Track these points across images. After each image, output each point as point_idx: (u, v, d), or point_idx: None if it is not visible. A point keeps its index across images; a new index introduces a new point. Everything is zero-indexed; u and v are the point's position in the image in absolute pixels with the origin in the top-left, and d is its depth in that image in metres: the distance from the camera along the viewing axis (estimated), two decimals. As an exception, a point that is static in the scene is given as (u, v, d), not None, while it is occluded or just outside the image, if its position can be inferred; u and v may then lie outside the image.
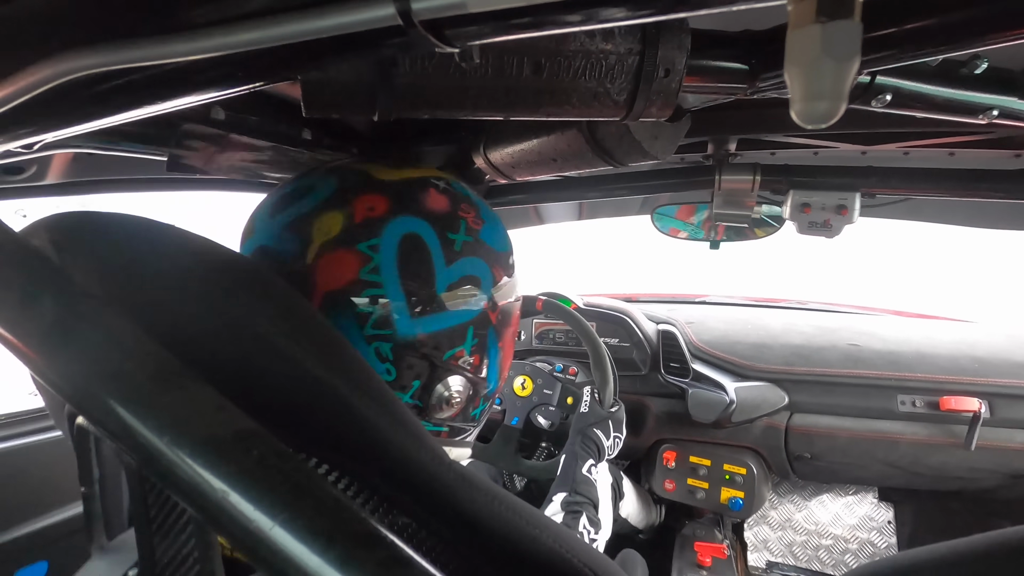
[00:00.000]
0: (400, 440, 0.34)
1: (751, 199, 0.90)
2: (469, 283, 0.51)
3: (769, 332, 1.42)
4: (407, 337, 0.48)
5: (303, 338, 0.34)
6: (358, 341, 0.47)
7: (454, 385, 0.52)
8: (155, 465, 0.24)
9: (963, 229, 1.14)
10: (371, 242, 0.47)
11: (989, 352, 1.26)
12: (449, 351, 0.51)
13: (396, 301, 0.48)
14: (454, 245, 0.51)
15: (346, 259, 0.47)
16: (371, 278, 0.47)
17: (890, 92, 0.52)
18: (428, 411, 0.52)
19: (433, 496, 0.33)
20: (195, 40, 0.28)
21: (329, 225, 0.48)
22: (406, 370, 0.49)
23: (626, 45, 0.45)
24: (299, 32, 0.27)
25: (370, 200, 0.49)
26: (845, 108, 0.20)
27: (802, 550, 1.57)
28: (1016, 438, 1.16)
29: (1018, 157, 0.80)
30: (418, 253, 0.49)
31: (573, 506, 0.81)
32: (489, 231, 0.55)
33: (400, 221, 0.49)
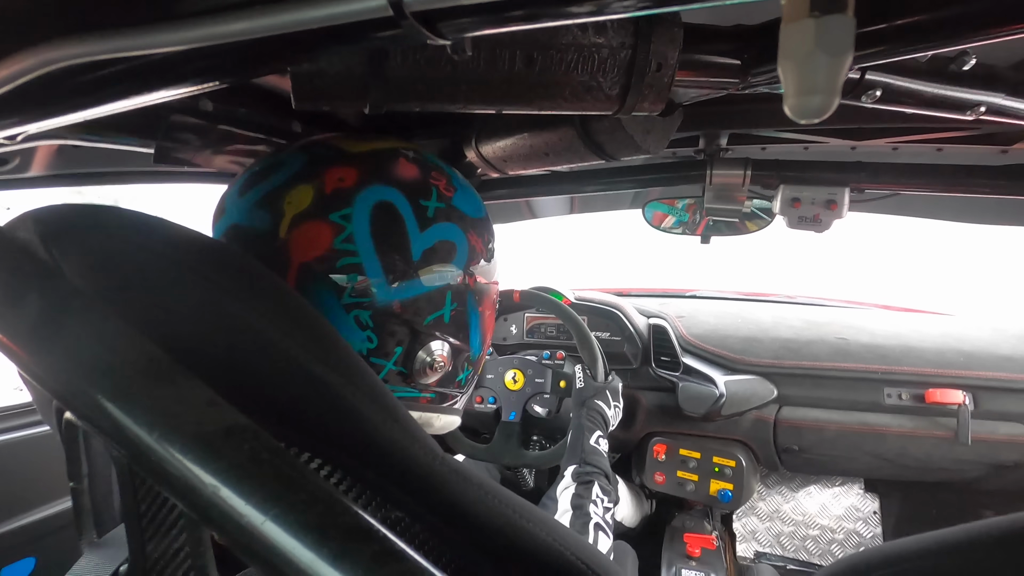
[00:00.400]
0: (392, 434, 0.34)
1: (742, 193, 0.91)
2: (444, 248, 0.52)
3: (759, 326, 1.43)
4: (386, 304, 0.49)
5: (296, 332, 0.34)
6: (337, 311, 0.48)
7: (436, 350, 0.53)
8: (145, 461, 0.24)
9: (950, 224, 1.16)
10: (343, 212, 0.47)
11: (975, 345, 1.28)
12: (429, 316, 0.52)
13: (372, 268, 0.48)
14: (427, 212, 0.51)
15: (319, 230, 0.47)
16: (345, 247, 0.47)
17: (880, 88, 0.53)
18: (413, 377, 0.52)
19: (426, 490, 0.33)
20: (183, 30, 0.28)
21: (299, 198, 0.48)
22: (387, 337, 0.50)
23: (619, 39, 0.45)
24: (289, 23, 0.27)
25: (340, 172, 0.49)
26: (838, 103, 0.20)
27: (790, 540, 1.59)
28: (1000, 430, 1.17)
29: (1004, 153, 0.81)
30: (391, 220, 0.49)
31: (584, 476, 0.82)
32: (461, 197, 0.55)
33: (371, 190, 0.49)
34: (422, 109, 0.50)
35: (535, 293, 1.11)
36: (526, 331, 1.54)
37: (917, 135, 0.81)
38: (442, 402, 0.57)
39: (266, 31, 0.27)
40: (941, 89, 0.54)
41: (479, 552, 0.35)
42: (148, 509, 0.32)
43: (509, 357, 1.31)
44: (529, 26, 0.30)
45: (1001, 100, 0.55)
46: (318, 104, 0.48)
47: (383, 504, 0.32)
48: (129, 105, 0.36)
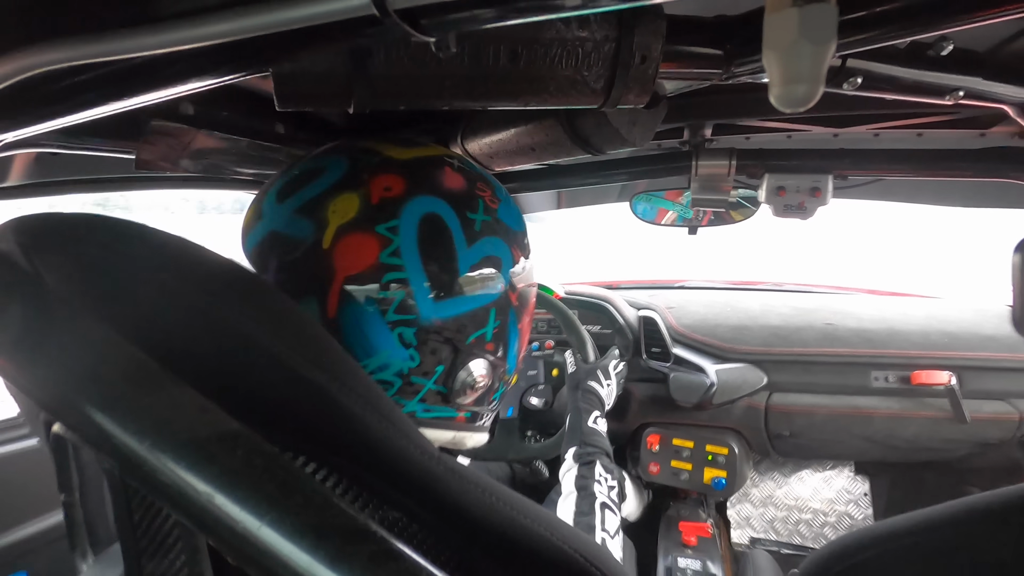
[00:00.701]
0: (388, 435, 0.33)
1: (727, 183, 0.91)
2: (490, 264, 0.50)
3: (748, 314, 1.45)
4: (430, 321, 0.47)
5: (287, 335, 0.34)
6: (380, 327, 0.46)
7: (476, 369, 0.51)
8: (136, 470, 0.24)
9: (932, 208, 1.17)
10: (390, 224, 0.46)
11: (958, 326, 1.31)
12: (472, 335, 0.50)
13: (418, 284, 0.46)
14: (474, 225, 0.49)
15: (365, 242, 0.45)
16: (392, 261, 0.45)
17: (861, 75, 0.53)
18: (451, 396, 0.51)
19: (423, 489, 0.33)
20: (162, 33, 0.27)
21: (345, 207, 0.46)
22: (429, 355, 0.48)
23: (602, 32, 0.45)
24: (270, 23, 0.26)
25: (386, 180, 0.47)
26: (822, 91, 0.21)
27: (783, 525, 1.61)
28: (984, 408, 1.20)
29: (982, 136, 0.83)
30: (439, 234, 0.47)
31: (585, 457, 0.82)
32: (505, 210, 0.54)
33: (419, 201, 0.47)
34: (408, 107, 0.50)
35: None
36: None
37: (898, 121, 0.82)
38: (474, 421, 0.56)
39: (247, 32, 0.27)
40: (920, 74, 0.55)
41: (478, 550, 0.35)
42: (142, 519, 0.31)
43: None
44: (513, 21, 0.30)
45: (978, 84, 0.56)
46: (302, 105, 0.47)
47: (380, 505, 0.32)
48: (109, 110, 0.35)
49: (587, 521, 0.71)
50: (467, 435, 0.55)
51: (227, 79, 0.35)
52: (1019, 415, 1.18)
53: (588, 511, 0.72)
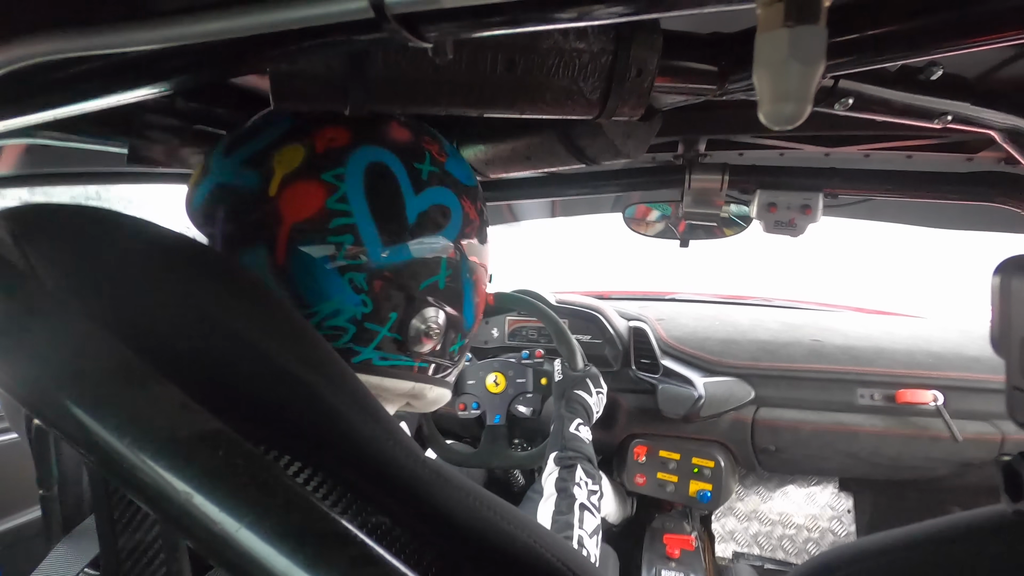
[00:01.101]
0: (374, 436, 0.33)
1: (720, 198, 0.92)
2: (439, 212, 0.51)
3: (737, 328, 1.45)
4: (381, 266, 0.48)
5: (274, 332, 0.34)
6: (331, 273, 0.46)
7: (430, 317, 0.51)
8: (115, 468, 0.23)
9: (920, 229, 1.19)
10: (336, 171, 0.46)
11: (943, 347, 1.32)
12: (424, 281, 0.50)
13: (367, 229, 0.47)
14: (420, 174, 0.50)
15: (311, 189, 0.46)
16: (339, 207, 0.46)
17: (852, 96, 0.54)
18: (408, 344, 0.51)
19: (407, 493, 0.33)
20: (159, 28, 0.27)
21: (290, 157, 0.47)
22: (383, 301, 0.49)
23: (599, 44, 0.46)
24: (269, 23, 0.26)
25: (331, 132, 0.48)
26: (810, 110, 0.21)
27: (767, 540, 1.61)
28: (968, 428, 1.21)
29: (970, 161, 0.84)
30: (385, 181, 0.48)
31: (566, 460, 0.83)
32: (454, 164, 0.54)
33: (364, 151, 0.48)
34: (403, 111, 0.50)
35: (507, 295, 1.13)
36: (508, 334, 1.54)
37: (888, 143, 0.83)
38: (435, 373, 0.56)
39: (245, 31, 0.27)
40: (910, 98, 0.56)
41: (461, 555, 0.35)
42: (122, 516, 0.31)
43: (489, 361, 1.31)
44: (511, 30, 0.30)
45: (966, 109, 0.57)
46: (298, 105, 0.47)
47: (362, 508, 0.32)
48: (103, 104, 0.35)
49: (565, 520, 0.71)
50: (426, 387, 0.56)
51: (223, 76, 0.35)
52: (1001, 436, 1.20)
53: (567, 511, 0.73)
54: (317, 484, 0.31)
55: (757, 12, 0.21)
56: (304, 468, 0.31)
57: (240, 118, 0.69)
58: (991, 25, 0.42)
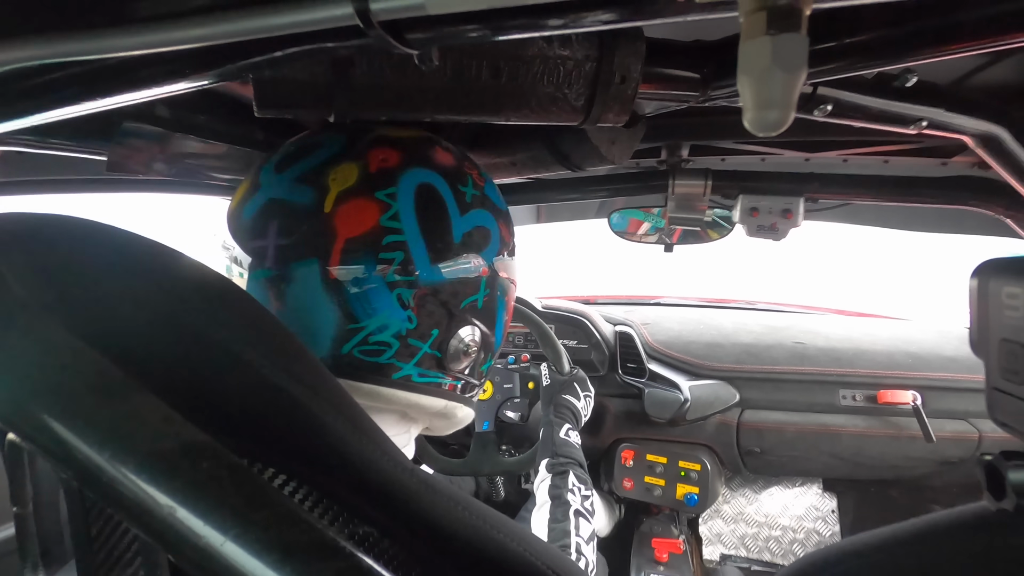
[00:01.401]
0: (361, 447, 0.33)
1: (703, 203, 0.93)
2: (481, 234, 0.53)
3: (721, 332, 1.47)
4: (428, 283, 0.49)
5: (258, 343, 0.33)
6: (381, 288, 0.48)
7: (467, 335, 0.53)
8: (95, 482, 0.23)
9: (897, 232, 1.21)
10: (389, 190, 0.48)
11: (921, 347, 1.35)
12: (465, 300, 0.52)
13: (417, 247, 0.48)
14: (465, 197, 0.52)
15: (365, 206, 0.47)
16: (392, 224, 0.47)
17: (831, 102, 0.55)
18: (445, 361, 0.52)
19: (395, 503, 0.33)
20: (139, 34, 0.27)
21: (345, 175, 0.48)
22: (426, 318, 0.50)
23: (583, 52, 0.46)
24: (251, 29, 0.26)
25: (383, 153, 0.50)
26: (794, 117, 0.21)
27: (753, 542, 1.62)
28: (946, 427, 1.23)
29: (944, 165, 0.86)
30: (434, 202, 0.50)
31: (557, 467, 0.83)
32: (491, 189, 0.57)
33: (414, 172, 0.50)
34: (388, 117, 0.50)
35: None
36: (495, 340, 1.53)
37: (865, 148, 0.84)
38: (466, 392, 0.57)
39: (227, 37, 0.26)
40: (886, 104, 0.57)
41: (451, 565, 0.34)
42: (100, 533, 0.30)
43: None
44: (496, 37, 0.30)
45: (940, 115, 0.58)
46: (281, 111, 0.47)
47: (350, 519, 0.31)
48: (81, 111, 0.35)
49: (562, 527, 0.71)
50: (457, 406, 0.57)
51: (205, 83, 0.34)
52: (979, 434, 1.22)
53: (562, 518, 0.73)
54: (303, 496, 0.30)
55: (740, 20, 0.21)
56: (290, 480, 0.30)
57: (222, 125, 0.69)
58: (962, 34, 0.43)
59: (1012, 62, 0.59)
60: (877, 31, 0.44)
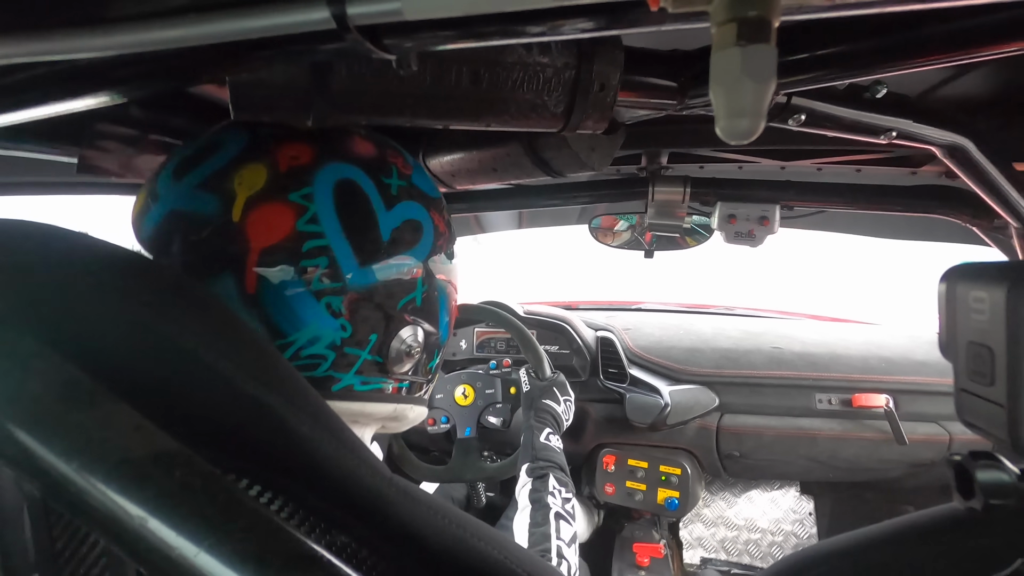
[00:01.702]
0: (338, 456, 0.33)
1: (682, 210, 0.95)
2: (411, 227, 0.50)
3: (700, 337, 1.48)
4: (359, 287, 0.46)
5: (231, 351, 0.33)
6: (306, 299, 0.44)
7: (409, 335, 0.50)
8: (62, 493, 0.22)
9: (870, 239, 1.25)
10: (303, 191, 0.44)
11: (894, 352, 1.38)
12: (402, 299, 0.49)
13: (342, 250, 0.45)
14: (390, 189, 0.49)
15: (279, 211, 0.44)
16: (311, 228, 0.44)
17: (804, 112, 0.57)
18: (388, 365, 0.50)
19: (374, 512, 0.32)
20: (113, 35, 0.26)
21: (252, 178, 0.44)
22: (361, 324, 0.47)
23: (563, 59, 0.47)
24: (228, 32, 0.26)
25: (292, 149, 0.46)
26: (764, 126, 0.22)
27: (733, 545, 1.64)
28: (918, 430, 1.26)
29: (913, 175, 0.89)
30: (356, 199, 0.46)
31: (538, 471, 0.83)
32: (419, 176, 0.53)
33: (330, 168, 0.46)
34: (368, 122, 0.50)
35: (475, 306, 1.13)
36: (476, 345, 1.53)
37: (838, 157, 0.87)
38: (414, 392, 0.55)
39: (203, 40, 0.26)
40: (858, 115, 0.59)
41: (429, 575, 0.34)
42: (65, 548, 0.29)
43: (457, 373, 1.30)
44: (475, 44, 0.30)
45: (909, 126, 0.60)
46: (258, 115, 0.47)
47: (328, 529, 0.31)
48: (51, 112, 0.34)
49: (543, 531, 0.71)
50: (407, 407, 0.54)
51: (180, 85, 0.34)
52: (949, 436, 1.25)
53: (543, 522, 0.72)
54: (279, 506, 0.30)
55: (712, 31, 0.22)
56: (265, 490, 0.30)
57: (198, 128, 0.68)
58: (928, 48, 0.45)
59: (975, 75, 0.62)
60: (847, 44, 0.46)
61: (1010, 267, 0.32)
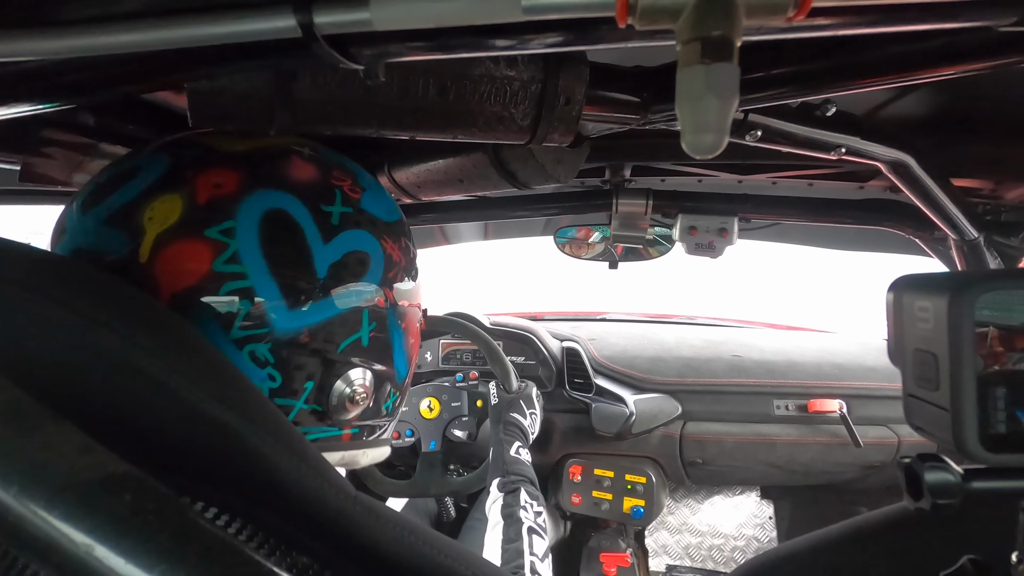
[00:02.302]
0: (300, 474, 0.32)
1: (645, 222, 0.97)
2: (355, 260, 0.45)
3: (664, 346, 1.51)
4: (288, 333, 0.41)
5: (184, 366, 0.31)
6: (226, 346, 0.40)
7: (356, 379, 0.46)
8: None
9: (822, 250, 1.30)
10: (223, 226, 0.40)
11: (845, 358, 1.44)
12: (343, 341, 0.44)
13: (267, 292, 0.40)
14: (330, 219, 0.44)
15: (193, 250, 0.39)
16: (230, 269, 0.39)
17: (760, 128, 0.59)
18: (331, 414, 0.45)
19: (337, 533, 0.32)
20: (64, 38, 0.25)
21: (165, 211, 0.39)
22: (293, 372, 0.42)
23: (529, 73, 0.47)
24: (188, 38, 0.25)
25: (216, 176, 0.41)
26: (728, 141, 0.23)
27: (696, 551, 1.66)
28: (869, 433, 1.31)
29: (861, 189, 0.93)
30: (287, 232, 0.42)
31: (509, 485, 0.82)
32: (371, 199, 0.48)
33: (258, 197, 0.41)
34: (333, 132, 0.49)
35: (439, 317, 1.12)
36: (441, 358, 1.52)
37: (792, 171, 0.90)
38: (368, 435, 0.51)
39: (161, 45, 0.25)
40: (809, 131, 0.62)
41: (395, 593, 0.33)
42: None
43: (423, 385, 1.29)
44: (444, 56, 0.30)
45: (856, 143, 0.64)
46: (218, 124, 0.45)
47: (289, 551, 0.30)
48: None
49: (516, 547, 0.70)
50: (359, 453, 0.50)
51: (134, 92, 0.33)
52: (898, 439, 1.31)
53: (516, 537, 0.72)
54: (238, 528, 0.29)
55: (677, 49, 0.23)
56: (223, 512, 0.29)
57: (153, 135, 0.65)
58: (873, 70, 0.48)
59: (915, 97, 0.65)
60: (799, 64, 0.48)
61: (950, 277, 0.34)
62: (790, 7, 0.22)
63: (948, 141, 0.72)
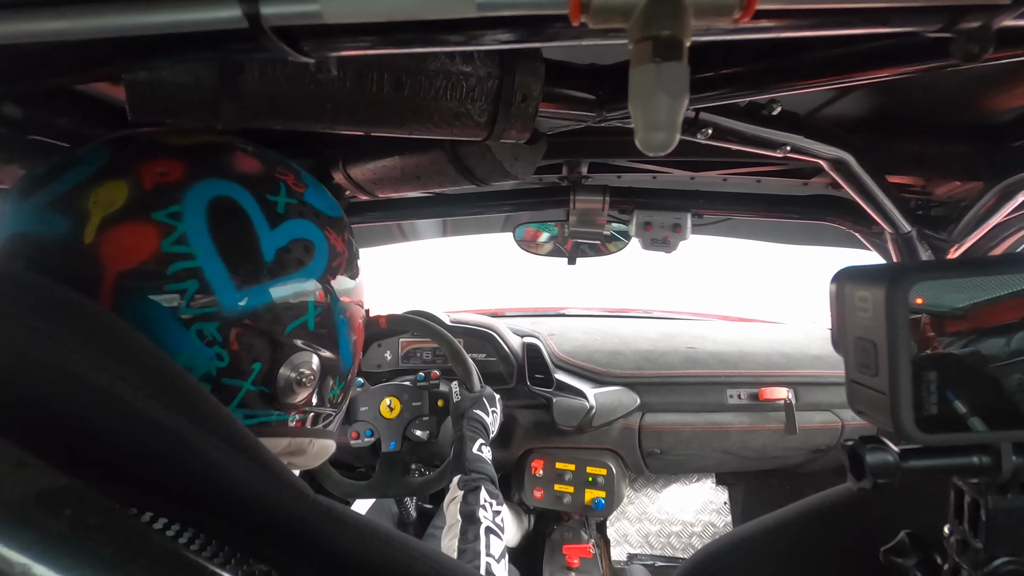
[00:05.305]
0: (254, 479, 0.31)
1: (602, 218, 0.98)
2: (300, 247, 0.46)
3: (622, 340, 1.54)
4: (236, 311, 0.42)
5: (124, 370, 0.30)
6: (173, 326, 0.40)
7: (302, 362, 0.47)
8: (-79, 545, 0.19)
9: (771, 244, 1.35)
10: (171, 209, 0.40)
11: (792, 347, 1.50)
12: (290, 324, 0.46)
13: (215, 272, 0.41)
14: (276, 207, 0.45)
15: (140, 231, 0.40)
16: (178, 249, 0.40)
17: (711, 127, 0.61)
18: (278, 397, 0.46)
19: (296, 538, 0.31)
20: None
21: (110, 196, 0.40)
22: (242, 352, 0.43)
23: (485, 69, 0.47)
24: (124, 26, 0.24)
25: (161, 165, 0.42)
26: (679, 138, 0.23)
27: (656, 539, 1.71)
28: (816, 419, 1.38)
29: (805, 185, 0.98)
30: (234, 217, 0.43)
31: (470, 483, 0.82)
32: (314, 194, 0.50)
33: (205, 184, 0.42)
34: (283, 127, 0.48)
35: (401, 316, 1.11)
36: (401, 356, 1.50)
37: (741, 168, 0.94)
38: (314, 423, 0.51)
39: (93, 34, 0.24)
40: (757, 130, 0.64)
41: (357, 596, 0.33)
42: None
43: (384, 385, 1.27)
44: (395, 51, 0.30)
45: (800, 141, 0.67)
46: (159, 117, 0.43)
47: (245, 559, 0.29)
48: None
49: (472, 548, 0.70)
50: (305, 441, 0.51)
51: (65, 83, 0.31)
52: (841, 423, 1.38)
53: (473, 539, 0.72)
54: (189, 538, 0.28)
55: (629, 48, 0.23)
56: (172, 522, 0.27)
57: (89, 130, 0.62)
58: (815, 71, 0.50)
59: (854, 97, 0.69)
60: (745, 65, 0.50)
61: (887, 269, 0.36)
62: (736, 9, 0.22)
63: (883, 140, 0.76)
